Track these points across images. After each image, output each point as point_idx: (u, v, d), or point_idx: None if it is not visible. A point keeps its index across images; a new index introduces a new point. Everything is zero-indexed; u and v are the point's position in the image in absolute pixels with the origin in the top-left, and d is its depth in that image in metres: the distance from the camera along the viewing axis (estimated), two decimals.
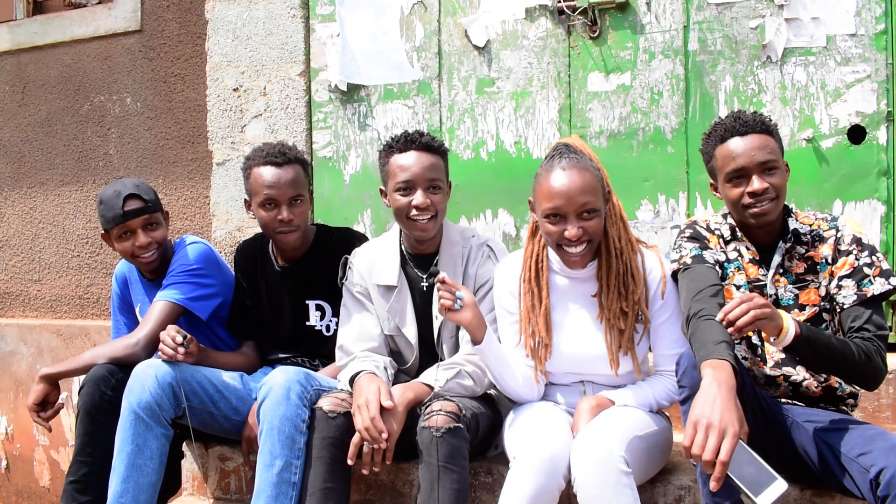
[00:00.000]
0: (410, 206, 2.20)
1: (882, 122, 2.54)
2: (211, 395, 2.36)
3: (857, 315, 1.89)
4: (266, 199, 2.41)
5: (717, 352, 1.70)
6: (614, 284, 2.04)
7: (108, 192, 2.52)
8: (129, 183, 2.54)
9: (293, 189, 2.42)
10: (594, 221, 1.98)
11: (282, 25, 3.24)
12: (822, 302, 1.99)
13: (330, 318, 2.53)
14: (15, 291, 4.08)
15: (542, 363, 2.11)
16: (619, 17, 2.81)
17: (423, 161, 2.22)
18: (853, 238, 1.95)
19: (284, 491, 2.09)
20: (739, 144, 1.94)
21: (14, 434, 3.95)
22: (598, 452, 1.80)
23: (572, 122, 2.87)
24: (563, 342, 2.11)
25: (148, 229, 2.52)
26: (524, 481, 1.84)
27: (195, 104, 3.58)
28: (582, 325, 2.11)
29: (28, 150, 4.02)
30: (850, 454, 1.78)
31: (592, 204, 1.97)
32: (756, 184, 1.92)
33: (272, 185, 2.41)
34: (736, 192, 1.95)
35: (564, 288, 2.13)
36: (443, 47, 3.04)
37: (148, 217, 2.51)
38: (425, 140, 2.24)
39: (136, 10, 3.71)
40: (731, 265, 2.04)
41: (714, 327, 1.78)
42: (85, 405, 2.33)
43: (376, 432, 1.99)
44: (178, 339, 2.26)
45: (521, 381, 2.12)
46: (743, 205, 1.95)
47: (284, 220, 2.41)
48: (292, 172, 2.43)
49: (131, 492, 2.21)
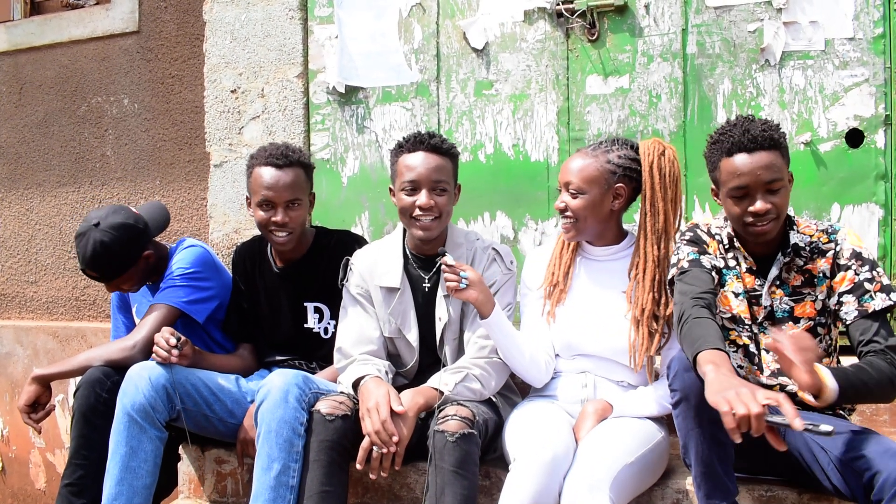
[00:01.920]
0: (414, 206, 2.22)
1: (880, 125, 2.54)
2: (206, 398, 2.35)
3: (865, 328, 1.86)
4: (263, 199, 2.41)
5: (711, 343, 1.72)
6: (649, 287, 2.12)
7: (78, 250, 2.45)
8: (90, 249, 2.41)
9: (290, 192, 2.41)
10: (577, 201, 2.16)
11: (280, 27, 3.23)
12: (818, 316, 1.98)
13: (328, 321, 2.52)
14: (11, 293, 4.07)
15: (553, 306, 2.22)
16: (617, 20, 2.80)
17: (430, 162, 2.23)
18: (852, 252, 1.93)
19: (282, 494, 2.08)
20: (746, 162, 1.90)
21: (10, 436, 3.94)
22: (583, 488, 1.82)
23: (570, 124, 2.87)
24: (581, 321, 2.18)
25: (129, 279, 2.51)
26: (525, 482, 1.84)
27: (193, 105, 3.57)
28: (603, 312, 2.18)
29: (25, 151, 4.01)
30: (845, 458, 1.77)
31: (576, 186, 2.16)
32: (759, 204, 1.89)
33: (270, 186, 2.41)
34: (737, 209, 1.93)
35: (594, 273, 2.24)
36: (441, 49, 3.04)
37: (110, 283, 2.50)
38: (434, 141, 2.25)
39: (133, 12, 3.70)
40: (729, 272, 2.03)
41: (706, 326, 1.78)
42: (80, 407, 2.32)
43: (387, 436, 1.99)
44: (172, 340, 2.26)
45: (528, 360, 2.17)
46: (744, 222, 1.94)
47: (279, 222, 2.40)
48: (292, 175, 2.42)
49: (125, 494, 2.20)
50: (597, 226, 2.19)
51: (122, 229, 2.45)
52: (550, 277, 2.25)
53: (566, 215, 2.18)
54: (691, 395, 1.79)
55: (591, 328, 2.16)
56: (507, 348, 2.15)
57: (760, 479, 2.06)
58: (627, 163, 2.17)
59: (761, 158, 1.89)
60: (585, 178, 2.15)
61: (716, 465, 1.80)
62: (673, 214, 2.17)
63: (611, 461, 1.88)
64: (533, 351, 2.17)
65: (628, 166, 2.17)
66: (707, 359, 1.70)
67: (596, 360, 2.18)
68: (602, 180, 2.15)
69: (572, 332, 2.18)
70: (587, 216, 2.16)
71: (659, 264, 2.13)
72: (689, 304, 1.87)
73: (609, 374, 2.17)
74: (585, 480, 1.83)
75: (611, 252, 2.24)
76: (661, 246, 2.14)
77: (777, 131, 1.94)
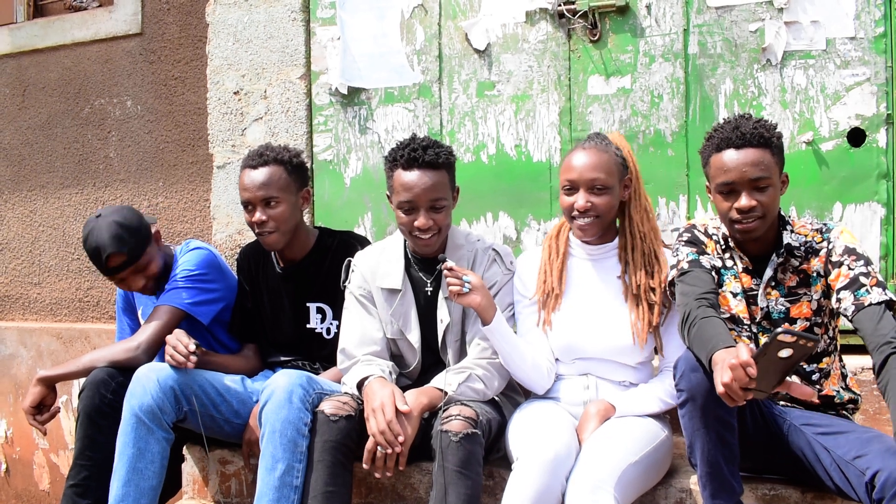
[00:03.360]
0: (413, 226, 2.21)
1: (882, 124, 2.55)
2: (212, 399, 2.36)
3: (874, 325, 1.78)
4: (243, 200, 2.46)
5: (725, 341, 1.72)
6: (640, 262, 2.14)
7: (89, 244, 2.44)
8: (107, 234, 2.41)
9: (264, 190, 2.41)
10: (603, 198, 2.11)
11: (282, 29, 3.24)
12: (814, 316, 1.98)
13: (331, 321, 2.53)
14: (15, 294, 4.08)
15: (549, 314, 2.19)
16: (619, 21, 2.81)
17: (426, 181, 2.19)
18: (845, 248, 1.92)
19: (286, 494, 2.09)
20: (733, 157, 1.92)
21: (14, 437, 3.95)
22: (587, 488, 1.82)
23: (572, 125, 2.87)
24: (579, 324, 2.16)
25: (140, 272, 2.50)
26: (527, 481, 1.84)
27: (196, 107, 3.58)
28: (600, 310, 2.16)
29: (28, 153, 4.02)
30: (847, 457, 1.78)
31: (604, 181, 2.10)
32: (744, 200, 1.91)
33: (246, 187, 2.44)
34: (724, 205, 1.96)
35: (587, 273, 2.21)
36: (443, 50, 3.05)
37: (134, 266, 2.48)
38: (429, 157, 2.19)
39: (136, 14, 3.71)
40: (727, 272, 2.04)
41: (716, 325, 1.79)
42: (85, 408, 2.33)
43: (392, 436, 1.99)
44: (192, 346, 2.26)
45: (530, 366, 2.16)
46: (730, 219, 1.95)
47: (257, 221, 2.42)
48: (266, 174, 2.43)
49: (132, 495, 2.21)
50: (611, 220, 2.20)
51: (123, 209, 2.53)
52: (543, 286, 2.21)
53: (589, 214, 2.12)
54: (698, 395, 1.80)
55: (591, 330, 2.15)
56: (508, 354, 2.14)
57: (764, 478, 2.06)
58: (621, 154, 2.19)
59: (748, 155, 1.91)
60: (610, 173, 2.13)
61: (722, 466, 1.81)
62: (646, 198, 2.23)
63: (615, 461, 1.88)
64: (534, 356, 2.16)
65: (623, 157, 2.19)
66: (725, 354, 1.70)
67: (596, 361, 2.17)
68: (618, 172, 2.15)
69: (571, 336, 2.17)
70: (608, 211, 2.14)
71: (645, 238, 2.16)
72: (695, 305, 1.87)
73: (610, 374, 2.17)
74: (590, 480, 1.83)
75: (606, 249, 2.22)
76: (645, 220, 2.18)
77: (770, 130, 1.94)
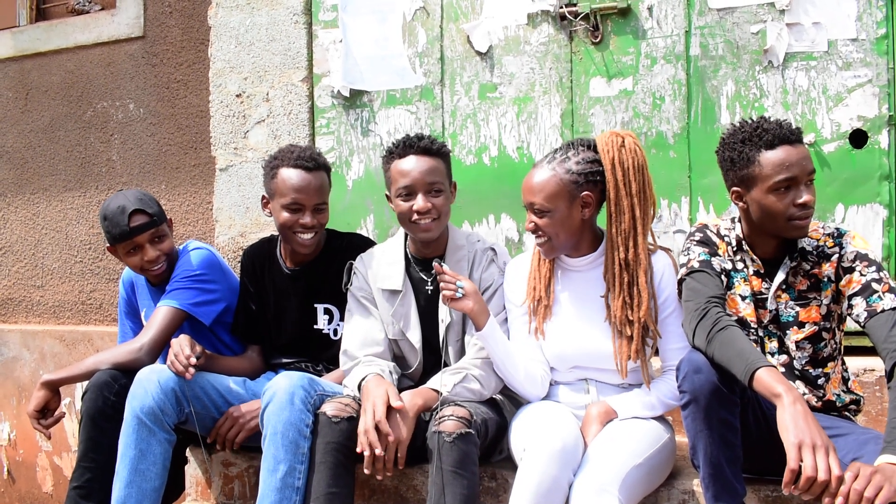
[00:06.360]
0: (412, 211, 2.23)
1: (884, 126, 2.55)
2: (214, 401, 2.36)
3: (886, 332, 1.79)
4: (292, 202, 2.40)
5: (762, 358, 1.72)
6: (618, 292, 2.07)
7: (111, 208, 2.49)
8: (132, 196, 2.51)
9: (319, 196, 2.43)
10: (544, 219, 2.08)
11: (284, 31, 3.25)
12: (822, 321, 1.97)
13: (338, 323, 2.53)
14: (18, 297, 4.09)
15: (540, 323, 2.16)
16: (620, 23, 2.81)
17: (423, 165, 2.24)
18: (857, 254, 1.91)
19: (288, 496, 2.09)
20: (792, 153, 1.87)
21: (17, 440, 3.95)
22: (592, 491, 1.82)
23: (574, 127, 2.88)
24: (570, 334, 2.14)
25: (155, 242, 2.51)
26: (537, 470, 1.84)
27: (198, 110, 3.58)
28: (589, 322, 2.14)
29: (31, 156, 4.03)
30: (845, 458, 1.77)
31: (540, 205, 2.07)
32: (805, 196, 1.87)
33: (300, 189, 2.40)
34: (782, 205, 1.88)
35: (574, 283, 2.18)
36: (445, 53, 3.05)
37: (154, 231, 2.50)
38: (424, 144, 2.25)
39: (138, 17, 3.72)
40: (737, 275, 2.03)
41: (744, 338, 1.79)
42: (88, 410, 2.33)
43: (375, 437, 1.99)
44: (193, 360, 2.25)
45: (523, 375, 2.15)
46: (788, 216, 1.89)
47: (307, 224, 2.41)
48: (320, 179, 2.45)
49: (135, 497, 2.21)
50: (571, 239, 2.11)
51: (137, 190, 2.62)
52: (533, 293, 2.18)
53: (539, 234, 2.10)
54: (701, 396, 1.79)
55: (580, 340, 2.13)
56: (502, 361, 2.13)
57: (767, 479, 2.06)
58: (588, 167, 2.06)
59: (803, 150, 1.91)
60: (548, 196, 2.05)
61: (725, 467, 1.80)
62: (641, 207, 2.04)
63: (619, 463, 1.88)
64: (527, 365, 2.15)
65: (590, 171, 2.06)
66: (776, 379, 1.68)
67: (592, 369, 2.16)
68: (566, 194, 2.05)
69: (563, 346, 2.15)
70: (559, 233, 2.08)
71: (627, 267, 2.05)
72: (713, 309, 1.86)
73: (609, 378, 2.15)
74: (594, 483, 1.82)
75: (587, 261, 2.16)
76: (628, 247, 2.04)
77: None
